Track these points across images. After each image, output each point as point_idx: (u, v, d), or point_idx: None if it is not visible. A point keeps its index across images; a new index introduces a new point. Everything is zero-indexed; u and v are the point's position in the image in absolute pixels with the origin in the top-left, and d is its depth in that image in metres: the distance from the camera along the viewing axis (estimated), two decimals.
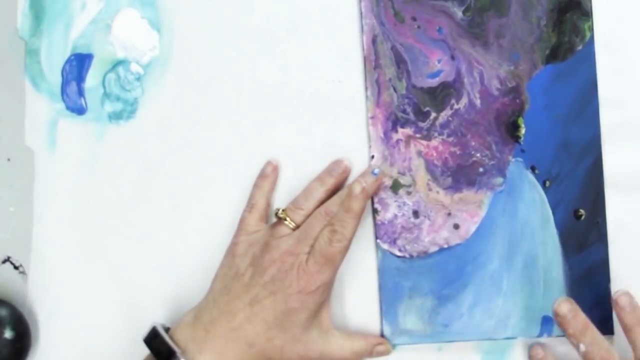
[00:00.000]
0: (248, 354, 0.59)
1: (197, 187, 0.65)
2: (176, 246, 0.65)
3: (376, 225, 0.64)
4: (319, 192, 0.62)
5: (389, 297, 0.63)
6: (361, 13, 0.64)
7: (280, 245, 0.60)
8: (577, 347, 0.58)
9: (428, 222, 0.63)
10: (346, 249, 0.60)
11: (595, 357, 0.58)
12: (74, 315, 0.66)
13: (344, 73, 0.64)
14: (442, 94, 0.63)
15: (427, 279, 0.63)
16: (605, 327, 0.61)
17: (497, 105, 0.63)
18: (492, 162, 0.63)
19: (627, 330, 0.59)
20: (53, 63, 0.66)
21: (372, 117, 0.64)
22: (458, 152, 0.63)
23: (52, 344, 0.66)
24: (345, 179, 0.63)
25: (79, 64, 0.66)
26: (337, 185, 0.63)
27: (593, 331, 0.58)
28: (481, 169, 0.63)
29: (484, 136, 0.63)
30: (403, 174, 0.63)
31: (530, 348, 0.62)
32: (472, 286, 0.63)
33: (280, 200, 0.65)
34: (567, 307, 0.59)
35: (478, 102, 0.63)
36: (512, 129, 0.63)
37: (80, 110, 0.66)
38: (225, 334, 0.59)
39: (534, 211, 0.63)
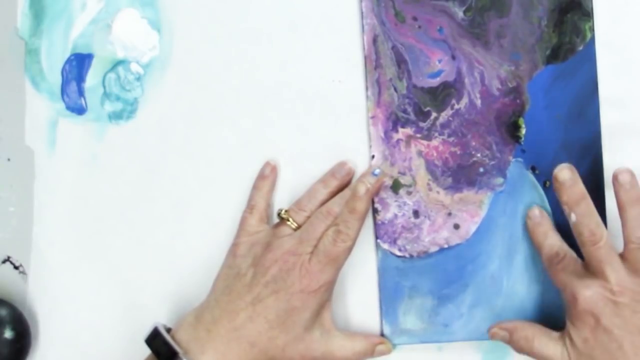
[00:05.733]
0: (250, 353, 0.59)
1: (197, 187, 0.65)
2: (176, 246, 0.65)
3: (376, 225, 0.64)
4: (322, 194, 0.62)
5: (389, 297, 0.63)
6: (362, 13, 0.64)
7: (282, 244, 0.60)
8: (569, 216, 0.58)
9: (428, 222, 0.63)
10: (350, 249, 0.60)
11: (584, 229, 0.57)
12: (74, 315, 0.66)
13: (345, 73, 0.64)
14: (442, 94, 0.63)
15: (427, 279, 0.63)
16: None
17: (498, 106, 0.63)
18: (493, 162, 0.63)
19: (621, 208, 0.58)
20: (53, 63, 0.66)
21: (373, 117, 0.64)
22: (458, 152, 0.63)
23: (52, 344, 0.66)
24: (349, 181, 0.63)
25: (79, 63, 0.66)
26: (340, 187, 0.63)
27: (588, 203, 0.58)
28: (481, 169, 0.63)
29: (485, 136, 0.63)
30: (403, 173, 0.63)
31: (528, 210, 0.62)
32: (472, 286, 0.63)
33: (280, 201, 0.65)
34: (568, 174, 0.58)
35: (479, 102, 0.63)
36: (513, 129, 0.63)
37: (80, 110, 0.66)
38: (227, 333, 0.59)
39: None
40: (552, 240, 0.60)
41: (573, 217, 0.58)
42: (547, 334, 0.59)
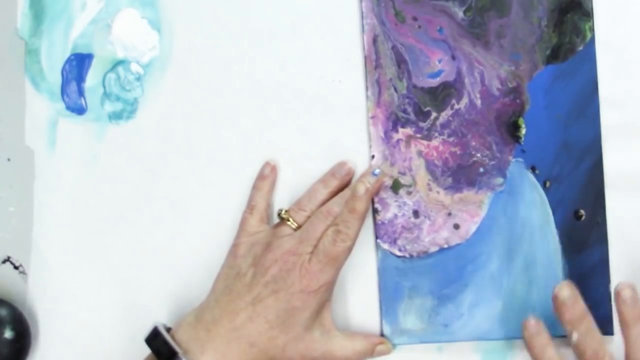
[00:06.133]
0: (250, 353, 0.59)
1: (197, 187, 0.65)
2: (176, 246, 0.65)
3: (376, 225, 0.64)
4: (322, 194, 0.62)
5: (389, 297, 0.63)
6: (362, 13, 0.64)
7: (282, 244, 0.60)
8: (570, 336, 0.57)
9: (428, 222, 0.63)
10: (350, 249, 0.60)
11: (586, 349, 0.57)
12: (74, 315, 0.66)
13: (345, 73, 0.64)
14: (442, 94, 0.63)
15: (427, 279, 0.63)
16: (606, 327, 0.61)
17: (498, 106, 0.63)
18: (493, 162, 0.63)
19: (624, 325, 0.57)
20: (53, 63, 0.66)
21: (373, 117, 0.64)
22: (458, 152, 0.63)
23: (52, 344, 0.66)
24: (349, 181, 0.63)
25: (79, 63, 0.66)
26: (340, 187, 0.63)
27: (589, 322, 0.58)
28: (481, 169, 0.63)
29: (485, 136, 0.63)
30: (403, 173, 0.63)
31: (525, 320, 0.60)
32: (472, 286, 0.63)
33: (280, 201, 0.65)
34: (568, 293, 0.58)
35: (479, 102, 0.63)
36: (513, 129, 0.63)
37: (80, 110, 0.66)
38: (227, 333, 0.59)
39: (534, 211, 0.63)
40: (549, 356, 0.59)
41: (575, 336, 0.57)
42: None
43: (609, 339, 0.61)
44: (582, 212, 0.62)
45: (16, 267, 0.66)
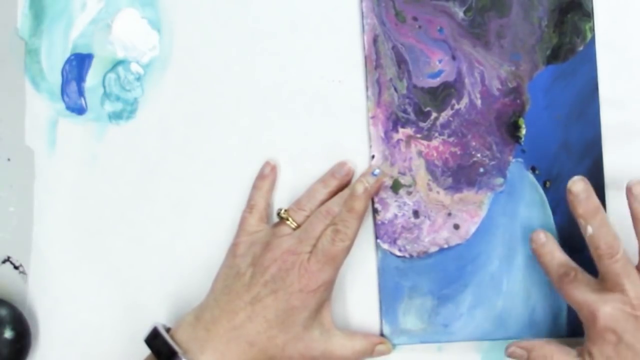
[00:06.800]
0: (249, 353, 0.59)
1: (197, 187, 0.65)
2: (176, 246, 0.65)
3: (376, 225, 0.64)
4: (322, 194, 0.62)
5: (389, 297, 0.63)
6: (362, 13, 0.64)
7: (281, 244, 0.60)
8: (584, 229, 0.57)
9: (428, 222, 0.63)
10: (348, 248, 0.60)
11: (600, 241, 0.56)
12: (74, 315, 0.66)
13: (345, 73, 0.64)
14: (442, 94, 0.63)
15: (427, 279, 0.63)
16: None
17: (498, 106, 0.63)
18: (493, 163, 0.63)
19: (637, 220, 0.57)
20: (53, 63, 0.66)
21: (373, 117, 0.64)
22: (458, 152, 0.63)
23: (52, 344, 0.66)
24: (349, 181, 0.63)
25: (79, 64, 0.66)
26: (340, 187, 0.63)
27: (603, 215, 0.57)
28: (482, 169, 0.63)
29: (485, 136, 0.63)
30: (403, 173, 0.63)
31: (532, 233, 0.60)
32: (472, 286, 0.63)
33: (280, 200, 0.65)
34: (582, 187, 0.57)
35: (479, 102, 0.63)
36: (513, 130, 0.63)
37: (80, 110, 0.66)
38: (226, 333, 0.59)
39: (534, 212, 0.63)
40: (560, 260, 0.59)
41: (589, 230, 0.57)
42: (565, 352, 0.58)
43: None
44: None
45: (16, 267, 0.66)
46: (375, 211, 0.64)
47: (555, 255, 0.59)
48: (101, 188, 0.66)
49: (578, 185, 0.57)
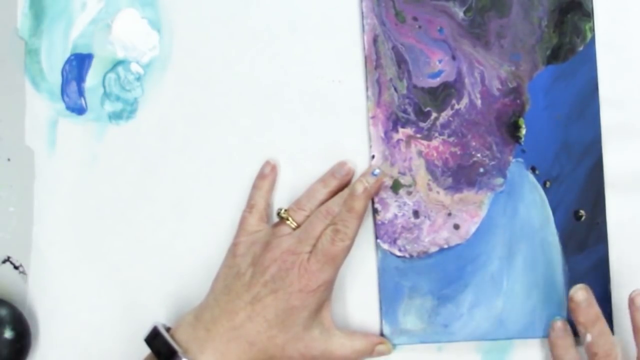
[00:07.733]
0: (249, 352, 0.59)
1: (197, 187, 0.65)
2: (176, 246, 0.65)
3: (376, 225, 0.64)
4: (322, 194, 0.62)
5: (389, 297, 0.63)
6: (362, 13, 0.64)
7: (281, 244, 0.60)
8: (583, 337, 0.59)
9: (428, 222, 0.63)
10: (348, 248, 0.60)
11: (599, 350, 0.58)
12: (74, 315, 0.66)
13: (345, 73, 0.64)
14: (442, 94, 0.63)
15: (427, 279, 0.63)
16: None
17: (498, 106, 0.63)
18: (493, 163, 0.63)
19: (637, 331, 0.58)
20: (53, 63, 0.66)
21: (373, 117, 0.64)
22: (459, 153, 0.63)
23: (52, 344, 0.66)
24: (349, 181, 0.63)
25: (79, 64, 0.66)
26: (340, 187, 0.63)
27: (602, 324, 0.59)
28: (482, 169, 0.63)
29: (485, 136, 0.63)
30: (403, 174, 0.63)
31: (553, 321, 0.62)
32: (472, 286, 0.63)
33: (280, 200, 0.65)
34: (584, 296, 0.59)
35: (479, 102, 0.63)
36: (513, 130, 0.63)
37: (80, 110, 0.66)
38: (226, 333, 0.59)
39: (534, 212, 0.63)
40: (573, 358, 0.61)
41: (588, 337, 0.58)
42: None
43: None
44: (582, 212, 0.62)
45: (16, 267, 0.66)
46: (375, 211, 0.64)
47: (570, 351, 0.61)
48: (101, 188, 0.66)
49: (580, 295, 0.59)
